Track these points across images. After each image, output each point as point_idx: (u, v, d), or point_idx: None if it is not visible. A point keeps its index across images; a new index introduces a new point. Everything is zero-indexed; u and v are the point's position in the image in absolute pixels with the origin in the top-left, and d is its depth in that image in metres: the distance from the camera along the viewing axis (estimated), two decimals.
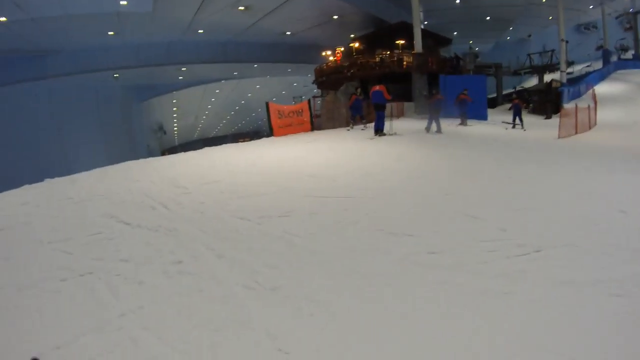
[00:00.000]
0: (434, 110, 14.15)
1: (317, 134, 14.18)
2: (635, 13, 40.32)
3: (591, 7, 35.93)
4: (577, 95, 25.66)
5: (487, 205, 5.29)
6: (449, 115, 16.49)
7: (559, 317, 2.60)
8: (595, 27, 42.27)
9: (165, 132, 49.80)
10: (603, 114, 19.39)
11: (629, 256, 3.55)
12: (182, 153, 10.35)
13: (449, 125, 15.82)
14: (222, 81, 45.20)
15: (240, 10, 27.26)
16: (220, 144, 12.97)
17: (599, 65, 37.27)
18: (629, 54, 41.16)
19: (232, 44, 34.08)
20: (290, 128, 14.25)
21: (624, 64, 37.00)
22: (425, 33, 27.00)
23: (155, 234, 4.22)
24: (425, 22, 32.91)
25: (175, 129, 54.60)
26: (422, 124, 14.82)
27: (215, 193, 5.76)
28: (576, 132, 14.83)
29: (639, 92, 26.38)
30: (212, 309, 2.75)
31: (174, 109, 48.40)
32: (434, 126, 13.81)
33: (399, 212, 4.96)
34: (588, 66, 38.41)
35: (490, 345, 2.32)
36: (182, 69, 36.28)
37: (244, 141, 14.56)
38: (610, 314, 2.61)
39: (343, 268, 3.42)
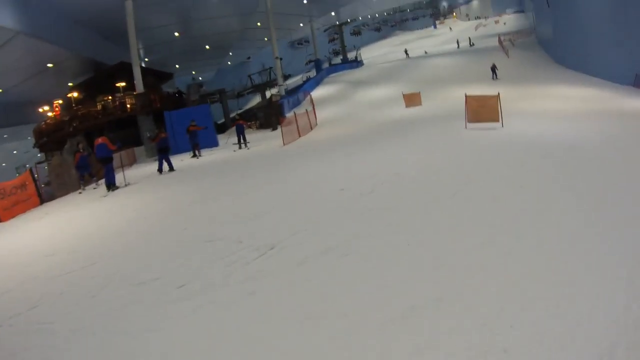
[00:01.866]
0: (162, 149, 13.61)
1: (47, 206, 12.22)
2: (340, 25, 48.33)
3: (301, 24, 40.97)
4: (297, 103, 29.01)
5: (224, 226, 5.80)
6: (181, 150, 16.34)
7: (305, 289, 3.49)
8: (307, 41, 49.00)
9: None
10: (322, 114, 22.45)
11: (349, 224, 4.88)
12: None
13: (182, 159, 15.91)
14: None
15: None
16: None
17: (314, 73, 43.04)
18: (338, 59, 48.82)
19: None
20: (17, 208, 11.88)
21: (334, 69, 43.57)
22: (145, 71, 26.54)
23: None
24: (146, 59, 32.31)
25: None
26: (155, 166, 14.31)
27: None
28: (299, 136, 16.56)
29: (348, 90, 31.77)
30: None
31: None
32: (166, 166, 13.38)
33: (138, 260, 5.04)
34: (308, 72, 43.88)
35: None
36: None
37: None
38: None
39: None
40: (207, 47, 36.44)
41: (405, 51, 45.69)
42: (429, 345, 2.45)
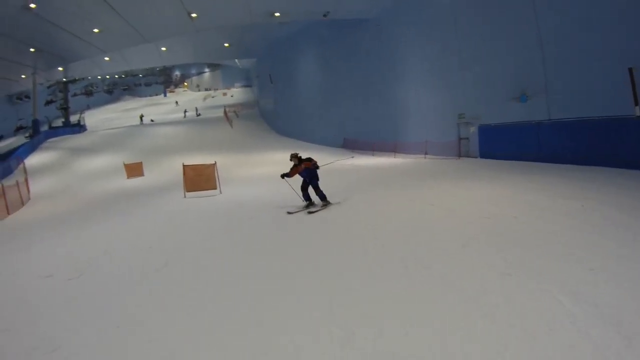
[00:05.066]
0: None
1: None
2: (66, 82, 43.77)
3: (23, 76, 34.58)
4: (9, 172, 24.63)
5: None
6: None
7: None
8: (28, 97, 41.75)
9: None
10: (37, 186, 19.68)
11: None
12: None
13: None
14: None
15: None
16: None
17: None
18: (60, 121, 43.44)
19: None
20: None
21: (54, 132, 38.53)
22: None
23: None
24: None
25: None
26: None
27: None
28: (9, 213, 14.09)
29: (68, 158, 28.72)
30: None
31: None
32: None
33: None
34: (26, 135, 37.81)
35: None
36: None
37: None
38: None
39: None
40: None
41: (141, 117, 44.86)
42: None
